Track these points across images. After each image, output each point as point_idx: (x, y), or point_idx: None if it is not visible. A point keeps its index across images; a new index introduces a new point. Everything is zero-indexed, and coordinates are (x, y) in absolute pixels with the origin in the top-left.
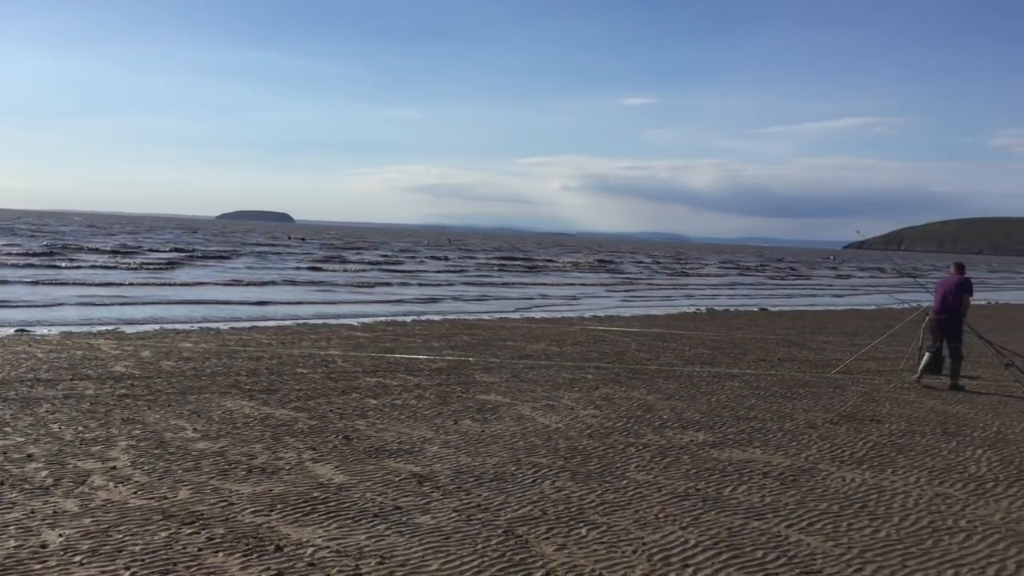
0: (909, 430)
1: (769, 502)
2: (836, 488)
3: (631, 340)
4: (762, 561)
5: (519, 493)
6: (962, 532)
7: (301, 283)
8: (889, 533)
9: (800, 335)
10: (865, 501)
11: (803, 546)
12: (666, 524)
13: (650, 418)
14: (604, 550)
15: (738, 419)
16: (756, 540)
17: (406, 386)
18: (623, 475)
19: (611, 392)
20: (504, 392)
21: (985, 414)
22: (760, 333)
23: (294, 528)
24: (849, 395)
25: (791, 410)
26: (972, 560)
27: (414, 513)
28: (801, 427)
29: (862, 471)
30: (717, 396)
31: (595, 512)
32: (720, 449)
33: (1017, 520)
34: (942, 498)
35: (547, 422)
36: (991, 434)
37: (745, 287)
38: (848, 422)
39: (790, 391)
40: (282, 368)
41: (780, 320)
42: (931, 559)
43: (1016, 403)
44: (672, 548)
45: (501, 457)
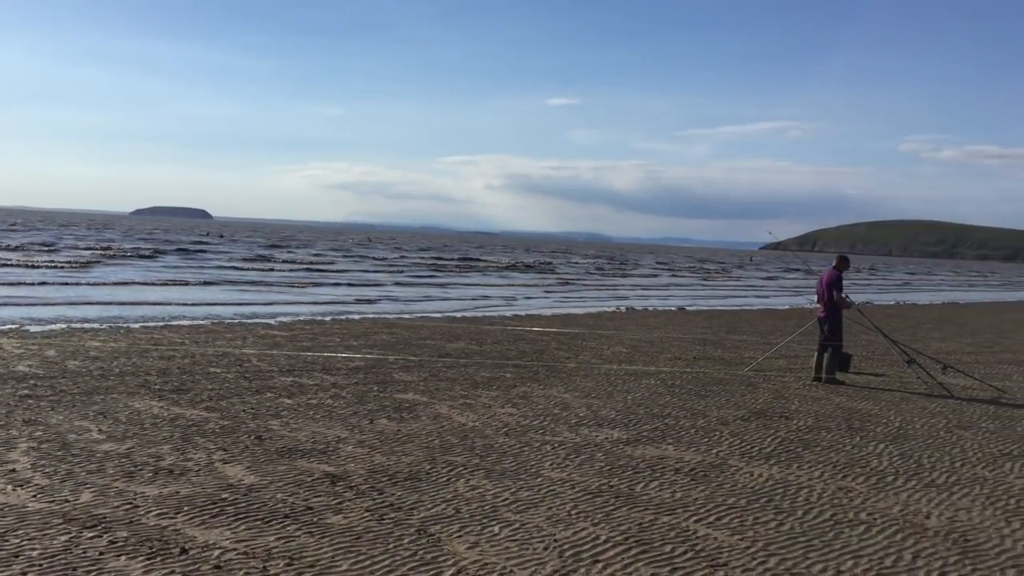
0: (816, 426)
1: (679, 497)
2: (744, 483)
3: (551, 339)
4: (670, 555)
5: (433, 492)
6: (862, 524)
7: (223, 282)
8: (793, 526)
9: (716, 334)
10: (771, 495)
11: (710, 540)
12: (578, 520)
13: (566, 416)
14: (516, 547)
15: (653, 417)
16: (665, 535)
17: (322, 385)
18: (538, 473)
19: (529, 390)
20: (422, 391)
21: (888, 410)
22: (677, 332)
23: (201, 530)
24: (760, 392)
25: (704, 407)
26: (871, 551)
27: (326, 513)
28: (713, 424)
29: (770, 466)
30: (633, 394)
31: (508, 510)
32: (634, 446)
33: (915, 512)
34: (844, 492)
35: (464, 420)
36: (893, 429)
37: (678, 287)
38: (758, 419)
39: (704, 389)
40: (194, 367)
41: (697, 319)
42: (832, 551)
43: (918, 399)
44: (583, 544)
45: (416, 456)
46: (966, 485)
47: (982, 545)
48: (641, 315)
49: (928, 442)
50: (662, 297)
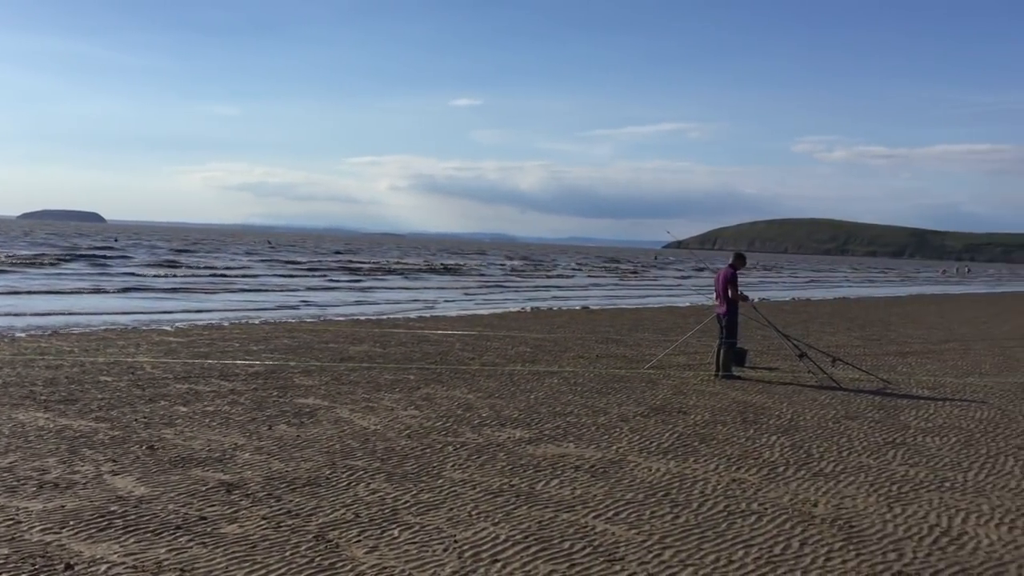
0: (712, 420)
1: (579, 495)
2: (643, 478)
3: (455, 340)
4: (569, 552)
5: (332, 497)
6: (754, 515)
7: (131, 289)
8: (688, 519)
9: (618, 332)
10: (668, 489)
11: (608, 535)
12: (479, 521)
13: (469, 417)
14: (416, 550)
15: (555, 415)
16: (565, 532)
17: (219, 392)
18: (439, 474)
19: (432, 392)
20: (323, 395)
21: (781, 403)
22: (581, 331)
23: (87, 545)
24: (660, 389)
25: (605, 405)
26: (761, 540)
27: (220, 523)
28: (614, 421)
29: (667, 461)
30: (536, 393)
31: (409, 512)
32: (536, 445)
33: (803, 501)
34: (738, 483)
35: (366, 424)
36: (785, 421)
37: (598, 287)
38: (657, 415)
39: (606, 387)
40: (84, 377)
41: (601, 318)
42: (725, 541)
43: (809, 391)
44: (483, 544)
45: (316, 461)
46: (852, 473)
47: (866, 531)
48: (546, 314)
49: (817, 433)
50: (581, 297)
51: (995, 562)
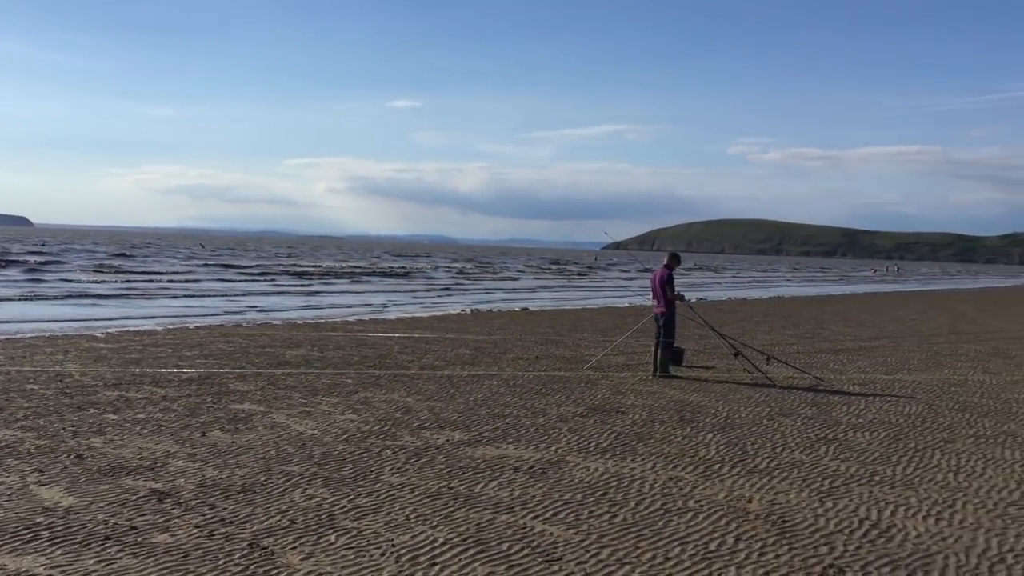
0: (650, 419)
1: (518, 496)
2: (581, 478)
3: (394, 343)
4: (507, 553)
5: (268, 503)
6: (690, 512)
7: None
8: (626, 517)
9: (558, 333)
10: (606, 489)
11: (546, 536)
12: (417, 524)
13: (408, 420)
14: (352, 555)
15: (494, 417)
16: (503, 533)
17: (151, 399)
18: (377, 478)
19: (370, 396)
20: (259, 400)
21: (717, 401)
22: (520, 332)
23: (12, 558)
24: (599, 389)
25: (544, 406)
26: (697, 537)
27: (151, 532)
28: (553, 421)
29: (605, 460)
30: (475, 395)
31: (346, 517)
32: (475, 447)
33: (738, 497)
34: (674, 481)
35: (302, 429)
36: (721, 419)
37: (546, 289)
38: (596, 415)
39: (545, 387)
40: (8, 385)
41: (540, 319)
42: (661, 539)
43: (744, 389)
44: (421, 548)
45: (251, 467)
46: (785, 469)
47: (798, 525)
48: (486, 316)
49: (752, 430)
50: (528, 299)
51: (922, 554)
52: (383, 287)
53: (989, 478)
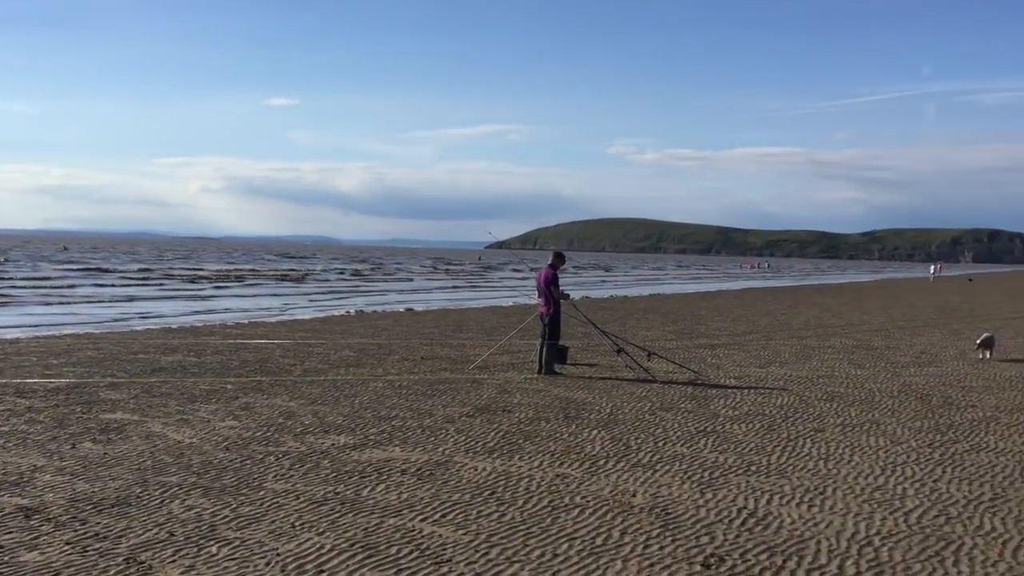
0: (536, 417)
1: (406, 498)
2: (469, 478)
3: (276, 347)
4: (396, 557)
5: (144, 516)
6: (577, 508)
7: None
8: (514, 516)
9: (443, 333)
10: (494, 488)
11: (435, 538)
12: (302, 532)
13: (291, 425)
14: (235, 566)
15: (380, 419)
16: (391, 537)
17: (15, 410)
18: (260, 486)
19: (251, 401)
20: (132, 409)
21: (601, 397)
22: (405, 333)
23: None
24: (485, 389)
25: (431, 407)
26: (584, 532)
27: (18, 551)
28: (439, 422)
29: (493, 460)
30: (360, 398)
31: (228, 527)
32: (361, 451)
33: (623, 492)
34: (561, 478)
35: (180, 438)
36: (605, 415)
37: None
38: (483, 414)
39: (431, 389)
40: None
41: (425, 319)
42: (549, 536)
43: (627, 385)
44: (307, 555)
45: (125, 479)
46: (667, 462)
47: (680, 516)
48: (370, 317)
49: (635, 425)
50: (425, 299)
51: (797, 539)
52: (278, 290)
53: (856, 464)
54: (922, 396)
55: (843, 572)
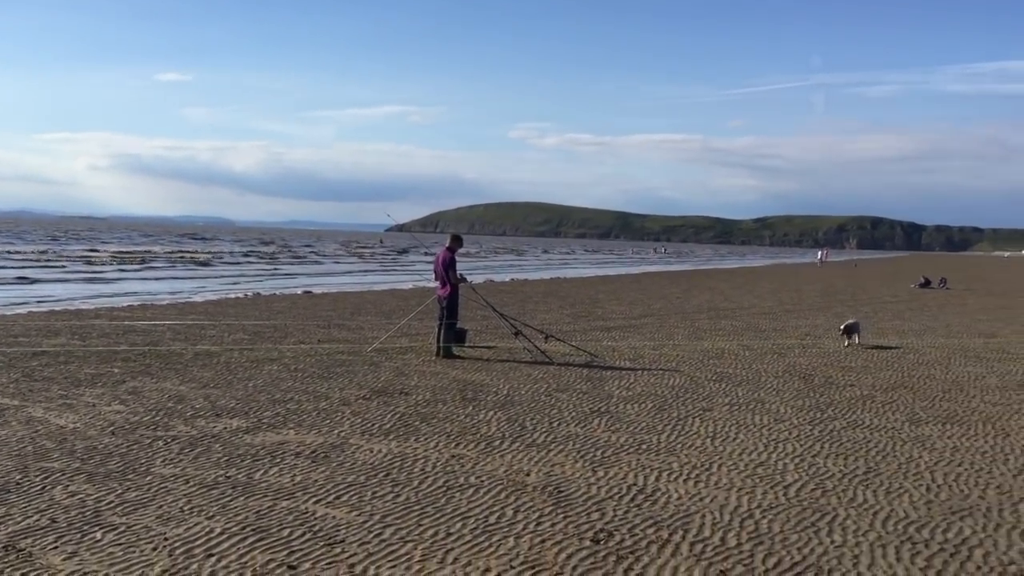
0: (433, 399)
1: (299, 481)
2: (364, 460)
3: (166, 330)
4: (288, 539)
5: (24, 503)
6: (471, 487)
7: None
8: (409, 496)
9: (341, 316)
10: (389, 469)
11: (328, 519)
12: (191, 516)
13: (182, 409)
14: (121, 552)
15: (274, 402)
16: (284, 520)
17: None
18: (148, 471)
19: (140, 385)
20: (11, 394)
21: (498, 379)
22: (302, 316)
23: None
24: (382, 371)
25: (327, 389)
26: (478, 511)
27: None
28: (335, 405)
29: (389, 441)
30: (254, 381)
31: (113, 513)
32: (254, 434)
33: (517, 471)
34: (457, 459)
35: (63, 423)
36: (502, 397)
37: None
38: (380, 396)
39: (327, 371)
40: None
41: (323, 302)
42: (443, 515)
43: (524, 367)
44: (196, 540)
45: (4, 466)
46: (561, 442)
47: (572, 494)
48: (267, 300)
49: (531, 406)
50: (339, 284)
51: (683, 514)
52: (186, 273)
53: (741, 442)
54: (805, 376)
55: (725, 544)
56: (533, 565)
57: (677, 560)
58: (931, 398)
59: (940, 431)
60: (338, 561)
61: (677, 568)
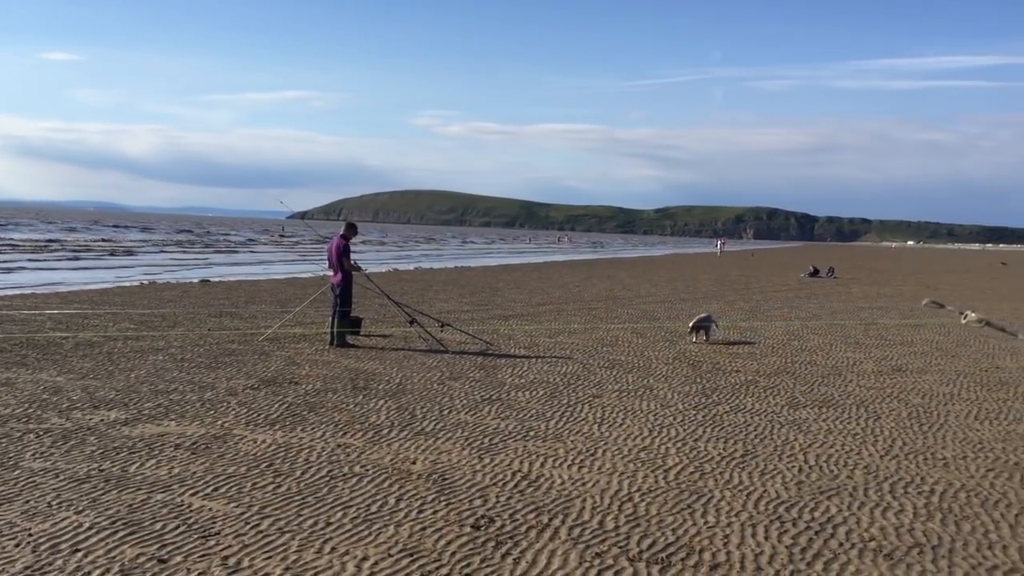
0: (324, 389)
1: (177, 473)
2: (247, 451)
3: (47, 319)
4: (160, 533)
5: None
6: (355, 476)
7: None
8: (290, 487)
9: (234, 305)
10: (272, 460)
11: (205, 511)
12: (60, 511)
13: (57, 401)
14: None
15: (157, 393)
16: (157, 513)
17: None
18: (16, 465)
19: (13, 376)
20: None
21: (391, 368)
22: (194, 305)
23: None
24: (273, 360)
25: (213, 379)
26: (360, 500)
27: None
28: (221, 395)
29: (274, 432)
30: (137, 372)
31: None
32: (132, 426)
33: (403, 460)
34: (343, 448)
35: None
36: (394, 386)
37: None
38: (268, 386)
39: (216, 361)
40: None
41: (217, 291)
42: (324, 505)
43: (418, 356)
44: (63, 535)
45: None
46: (450, 430)
47: (457, 482)
48: (158, 288)
49: (423, 394)
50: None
51: (564, 499)
52: (113, 262)
53: (627, 427)
54: (694, 363)
55: (603, 527)
56: (412, 553)
57: (555, 544)
58: (811, 383)
59: (816, 414)
60: (211, 554)
61: (554, 552)
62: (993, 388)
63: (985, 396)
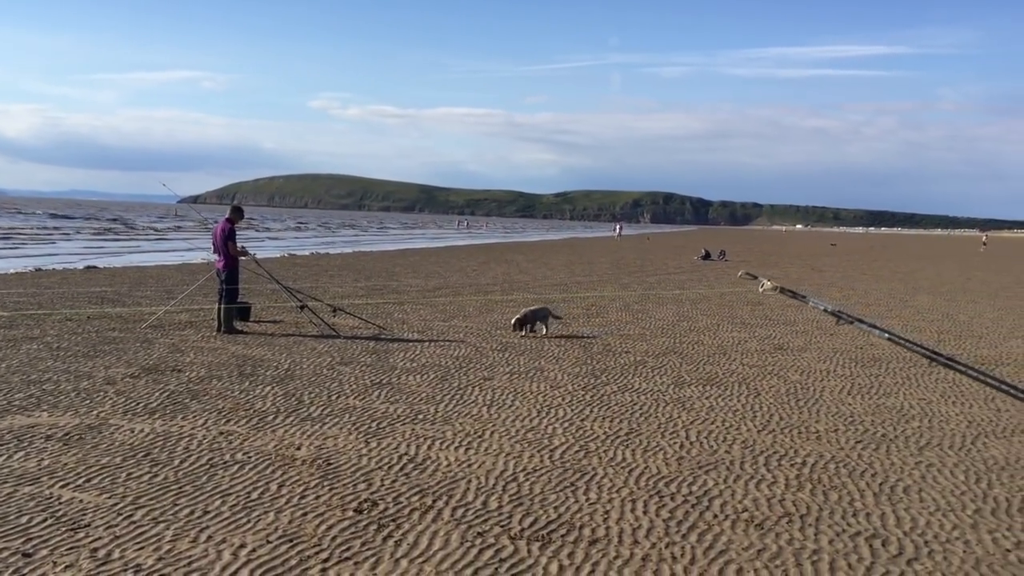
0: (208, 376)
1: (47, 465)
2: (123, 441)
3: None
4: (26, 526)
5: None
6: (237, 464)
7: None
8: (168, 476)
9: (118, 291)
10: (150, 449)
11: (75, 503)
12: None
13: None
14: None
15: (29, 384)
16: (23, 506)
17: None
18: None
19: None
20: None
21: (280, 354)
22: (74, 291)
23: None
24: (156, 348)
25: (91, 368)
26: (240, 488)
27: None
28: (99, 384)
29: (153, 421)
30: (8, 362)
31: None
32: (1, 417)
33: (288, 446)
34: (225, 436)
35: None
36: (282, 372)
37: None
38: (149, 374)
39: (94, 349)
40: None
41: (100, 277)
42: (203, 493)
43: (309, 341)
44: None
45: None
46: (338, 415)
47: (342, 466)
48: (38, 275)
49: (312, 380)
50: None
51: (449, 480)
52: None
53: (516, 409)
54: (585, 344)
55: (487, 507)
56: (291, 538)
57: (437, 525)
58: (697, 362)
59: (700, 392)
60: (80, 546)
61: (436, 533)
62: (867, 364)
63: (859, 372)
